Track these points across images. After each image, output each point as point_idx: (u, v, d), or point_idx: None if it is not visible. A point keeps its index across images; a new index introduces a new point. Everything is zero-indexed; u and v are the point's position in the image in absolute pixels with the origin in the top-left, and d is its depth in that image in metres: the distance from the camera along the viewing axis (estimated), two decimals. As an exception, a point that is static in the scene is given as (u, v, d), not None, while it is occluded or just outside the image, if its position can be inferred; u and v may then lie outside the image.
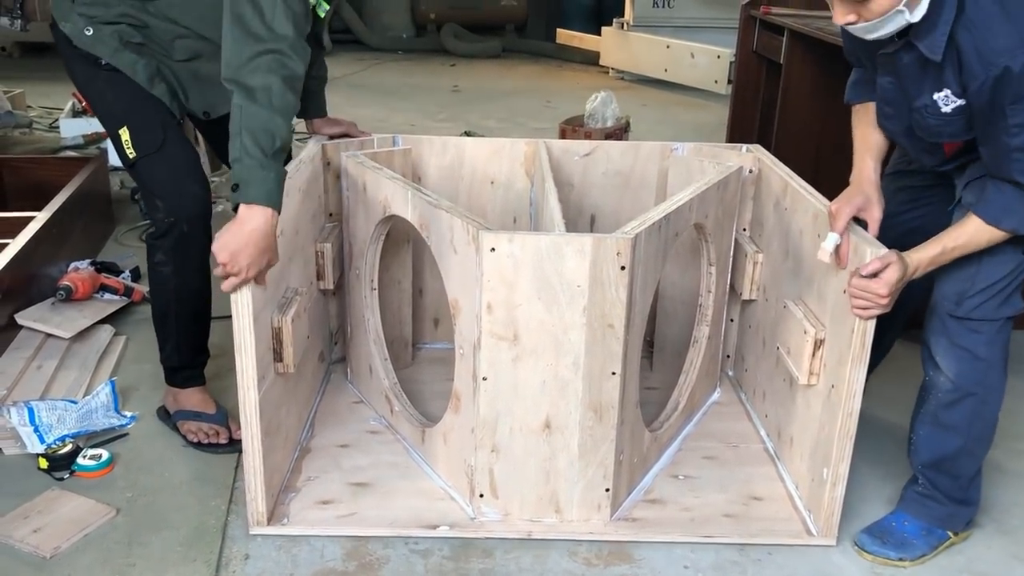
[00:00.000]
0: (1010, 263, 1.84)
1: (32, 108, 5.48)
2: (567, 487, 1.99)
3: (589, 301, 1.86)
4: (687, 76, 7.09)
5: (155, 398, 2.43)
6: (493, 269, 1.84)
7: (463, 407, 2.01)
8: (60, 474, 2.13)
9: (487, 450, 1.96)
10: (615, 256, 1.84)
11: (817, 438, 2.04)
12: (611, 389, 1.93)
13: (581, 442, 1.95)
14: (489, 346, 1.89)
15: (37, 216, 2.93)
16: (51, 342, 2.63)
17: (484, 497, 2.00)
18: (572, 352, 1.89)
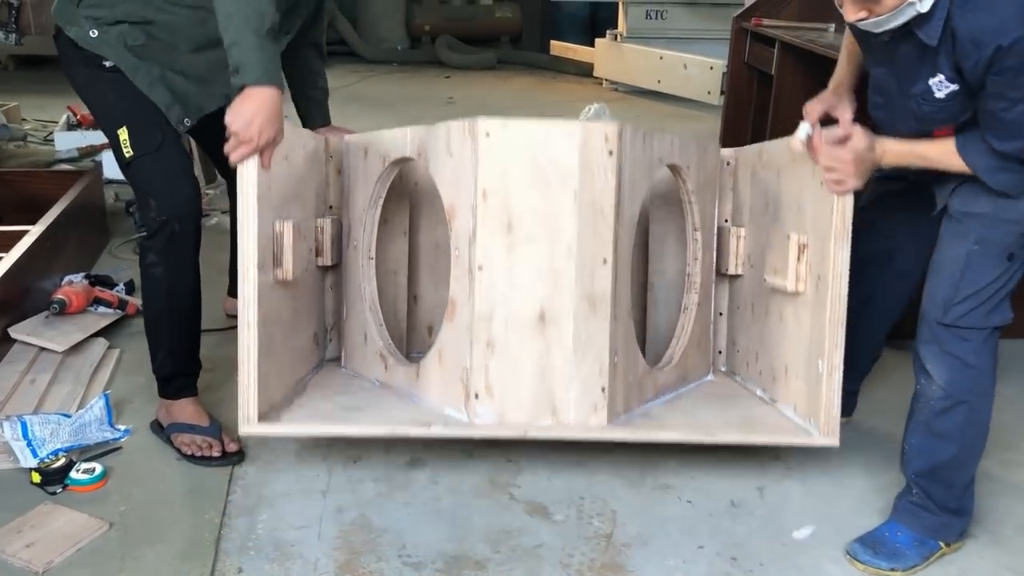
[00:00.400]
0: (995, 269, 1.86)
1: (27, 121, 5.48)
2: (563, 386, 2.01)
3: (580, 186, 1.97)
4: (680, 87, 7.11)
5: (149, 411, 2.43)
6: (488, 154, 1.97)
7: (458, 311, 2.05)
8: (53, 488, 2.13)
9: (483, 345, 2.00)
10: (603, 142, 1.96)
11: (810, 343, 2.08)
12: (603, 278, 2.00)
13: (575, 334, 2.00)
14: (484, 236, 1.99)
15: (31, 230, 2.94)
16: (45, 356, 2.64)
17: (479, 398, 2.01)
18: (565, 239, 1.98)
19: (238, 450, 2.28)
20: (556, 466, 2.30)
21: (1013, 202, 1.83)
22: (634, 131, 2.05)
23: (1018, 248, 1.87)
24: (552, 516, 2.12)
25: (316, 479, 2.23)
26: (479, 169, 1.96)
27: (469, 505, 2.15)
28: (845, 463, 2.35)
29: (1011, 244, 1.86)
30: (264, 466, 2.27)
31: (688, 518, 2.13)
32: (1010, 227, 1.85)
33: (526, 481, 2.24)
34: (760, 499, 2.21)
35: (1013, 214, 1.84)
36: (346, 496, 2.17)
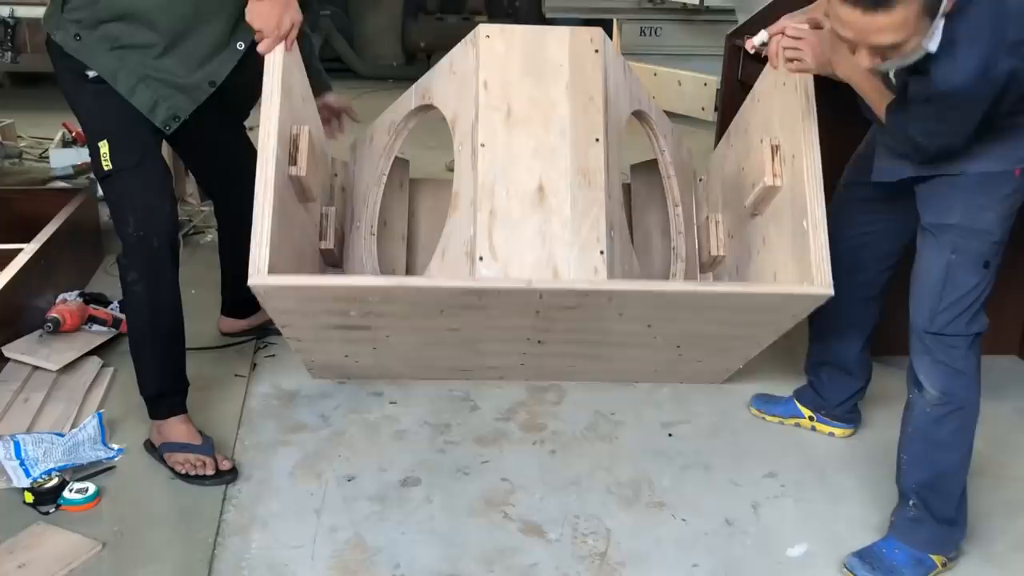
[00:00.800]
0: (973, 277, 1.92)
1: (22, 138, 5.47)
2: (563, 249, 2.12)
3: (570, 78, 2.21)
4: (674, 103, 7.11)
5: (143, 430, 2.43)
6: (488, 52, 2.22)
7: (461, 198, 2.20)
8: (46, 508, 2.12)
9: (486, 212, 2.12)
10: (589, 42, 2.24)
11: (792, 220, 2.22)
12: (596, 155, 2.17)
13: (573, 203, 2.14)
14: (485, 119, 2.18)
15: (25, 248, 2.93)
16: (38, 374, 2.63)
17: (483, 260, 2.09)
18: (559, 122, 2.18)
19: (231, 468, 2.28)
20: (550, 485, 2.30)
21: (982, 212, 1.89)
22: (617, 57, 2.35)
23: (992, 256, 1.92)
24: (547, 535, 2.12)
25: (310, 498, 2.22)
26: (480, 65, 2.20)
27: (463, 524, 2.15)
28: (840, 479, 2.35)
29: (985, 252, 1.91)
30: (258, 485, 2.26)
31: (682, 536, 2.13)
32: (983, 236, 1.91)
33: (520, 500, 2.24)
34: (754, 516, 2.21)
35: (983, 224, 1.90)
36: (340, 515, 2.16)
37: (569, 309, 2.14)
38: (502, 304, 2.10)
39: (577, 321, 2.23)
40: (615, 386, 2.75)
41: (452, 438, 2.48)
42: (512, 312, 2.16)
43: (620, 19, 7.69)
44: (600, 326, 2.28)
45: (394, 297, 2.08)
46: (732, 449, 2.48)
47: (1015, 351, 3.02)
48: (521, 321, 2.22)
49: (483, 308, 2.12)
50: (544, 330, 2.29)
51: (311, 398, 2.66)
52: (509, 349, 2.47)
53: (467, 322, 2.22)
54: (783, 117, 2.26)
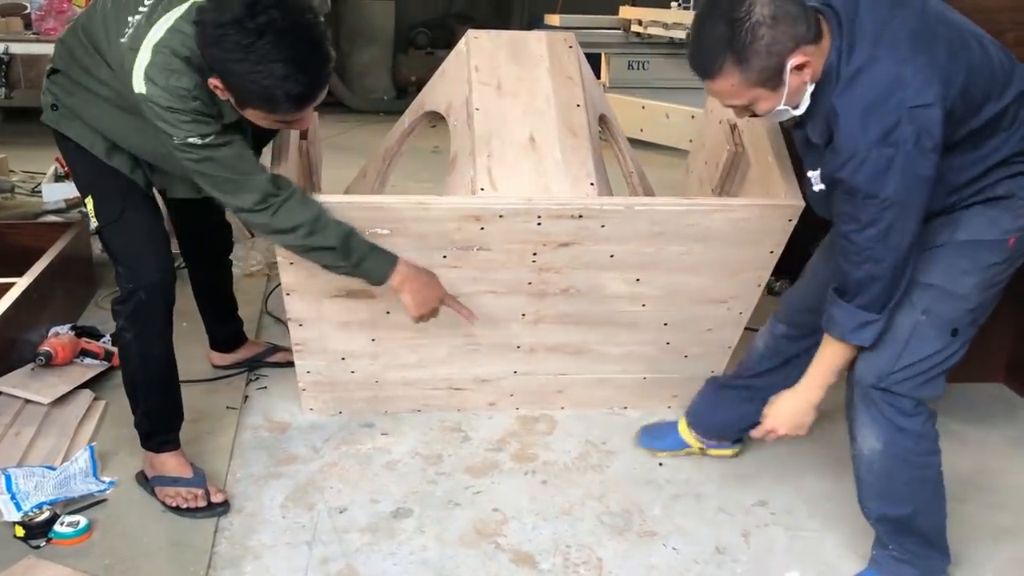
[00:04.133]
0: (938, 342, 1.86)
1: (15, 173, 5.49)
2: (558, 181, 2.36)
3: (550, 64, 2.55)
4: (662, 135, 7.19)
5: (135, 463, 2.42)
6: (478, 49, 2.55)
7: (459, 157, 2.43)
8: (37, 542, 2.11)
9: (484, 156, 2.36)
10: (563, 41, 2.61)
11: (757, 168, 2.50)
12: (579, 116, 2.47)
13: (563, 150, 2.41)
14: (478, 91, 2.46)
15: (17, 282, 2.94)
16: (30, 408, 2.63)
17: (484, 190, 2.32)
18: (543, 93, 2.48)
19: (224, 500, 2.28)
20: (542, 515, 2.31)
21: (963, 276, 1.85)
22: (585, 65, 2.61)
23: (963, 325, 1.87)
24: (538, 565, 2.12)
25: (302, 530, 2.22)
26: (470, 56, 2.50)
27: (455, 555, 2.15)
28: (830, 507, 2.37)
29: (957, 320, 1.86)
30: (249, 517, 2.26)
31: (674, 565, 2.14)
32: (958, 303, 1.86)
33: (512, 530, 2.25)
34: (745, 545, 2.22)
35: (961, 289, 1.85)
36: (332, 546, 2.16)
37: (565, 247, 2.34)
38: (504, 234, 2.30)
39: (571, 272, 2.40)
40: (606, 415, 2.76)
41: (444, 469, 2.49)
42: (514, 258, 2.35)
43: (608, 53, 7.79)
44: (592, 281, 2.44)
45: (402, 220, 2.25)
46: (722, 478, 2.49)
47: (1000, 379, 3.04)
48: (519, 274, 2.39)
49: (485, 248, 2.30)
50: (539, 293, 2.45)
51: (302, 430, 2.66)
52: (503, 338, 2.54)
53: (468, 277, 2.37)
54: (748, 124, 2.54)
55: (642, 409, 2.79)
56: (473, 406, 2.75)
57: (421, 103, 2.76)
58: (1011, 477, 2.53)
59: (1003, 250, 1.86)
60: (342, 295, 2.41)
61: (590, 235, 2.33)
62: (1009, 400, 2.96)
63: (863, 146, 1.68)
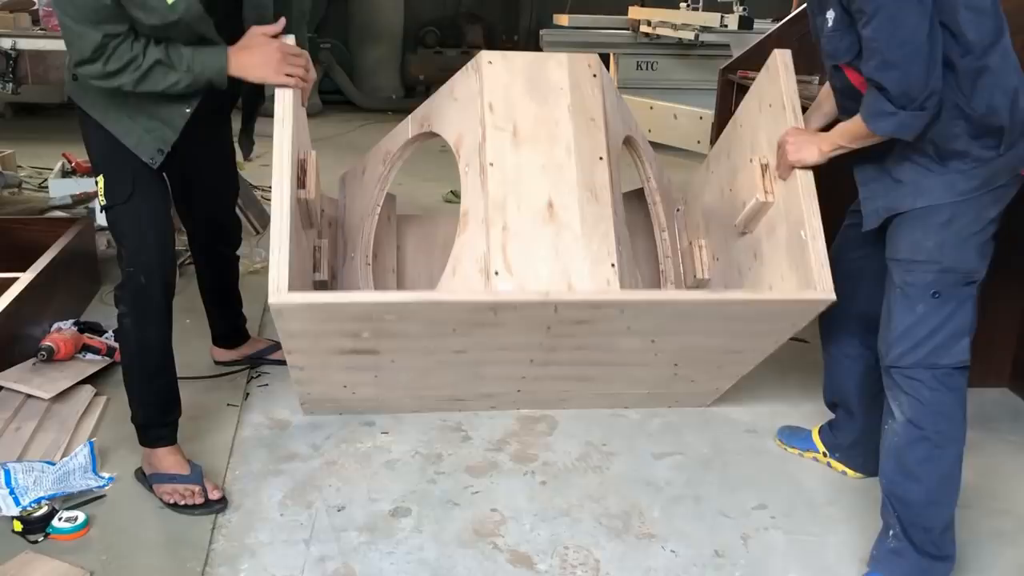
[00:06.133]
0: (920, 307, 1.94)
1: (22, 168, 5.52)
2: (577, 262, 2.19)
3: (571, 99, 2.30)
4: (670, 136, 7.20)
5: (134, 459, 2.43)
6: (492, 77, 2.30)
7: (471, 216, 2.25)
8: (35, 537, 2.11)
9: (499, 229, 2.20)
10: (587, 67, 2.35)
11: (787, 228, 2.28)
12: (601, 171, 2.26)
13: (583, 218, 2.22)
14: (492, 138, 2.25)
15: (21, 277, 2.95)
16: (31, 403, 2.63)
17: (499, 275, 2.14)
18: (564, 140, 2.26)
19: (221, 497, 2.28)
20: (540, 515, 2.30)
21: (922, 243, 1.94)
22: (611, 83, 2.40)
23: (944, 286, 1.93)
24: (535, 566, 2.11)
25: (299, 528, 2.22)
26: (484, 88, 2.27)
27: (453, 555, 2.15)
28: (830, 511, 2.35)
29: (932, 283, 1.94)
30: (247, 514, 2.26)
31: (671, 568, 2.13)
32: (925, 266, 1.94)
33: (510, 530, 2.24)
34: (744, 548, 2.21)
35: (923, 254, 1.94)
36: (329, 545, 2.16)
37: (581, 323, 2.18)
38: (517, 319, 2.14)
39: (585, 337, 2.26)
40: (607, 416, 2.75)
41: (443, 468, 2.49)
42: (525, 328, 2.19)
43: (617, 53, 7.78)
44: (607, 342, 2.31)
45: (412, 314, 2.11)
46: (722, 480, 2.48)
47: (1005, 383, 3.03)
48: (531, 338, 2.25)
49: (497, 324, 2.15)
50: (551, 349, 2.32)
51: (303, 428, 2.66)
52: (509, 372, 2.48)
53: (477, 342, 2.25)
54: (771, 137, 2.31)
55: (643, 409, 2.78)
56: (474, 407, 2.74)
57: (427, 119, 2.54)
58: (1015, 482, 2.51)
59: (945, 209, 1.92)
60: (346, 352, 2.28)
61: (608, 316, 2.20)
62: (1014, 405, 2.93)
63: None
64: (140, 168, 2.20)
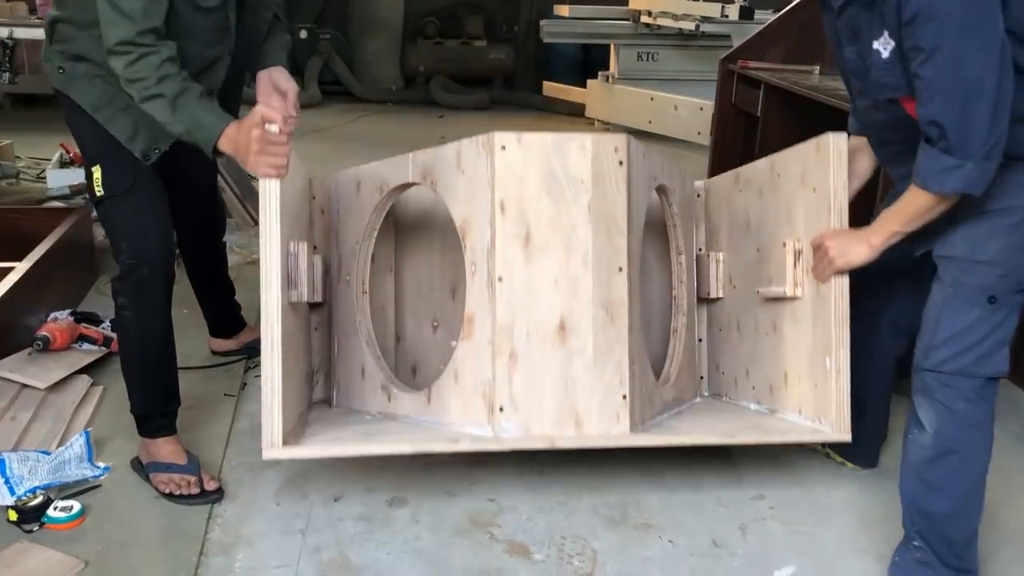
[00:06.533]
0: (972, 312, 1.82)
1: (20, 159, 5.50)
2: (585, 396, 2.05)
3: (593, 196, 2.05)
4: (671, 128, 7.17)
5: (131, 449, 2.42)
6: (504, 167, 2.03)
7: (476, 327, 2.07)
8: (30, 526, 2.11)
9: (505, 357, 2.03)
10: (613, 152, 2.06)
11: (813, 342, 2.13)
12: (619, 285, 2.07)
13: (596, 344, 2.05)
14: (503, 246, 2.04)
15: (17, 266, 2.94)
16: (26, 392, 2.62)
17: (504, 411, 2.02)
18: (581, 248, 2.05)
19: (217, 488, 2.27)
20: (537, 505, 2.29)
21: (985, 243, 1.81)
22: (636, 145, 2.14)
23: (1001, 292, 1.81)
24: (532, 556, 2.11)
25: (295, 518, 2.21)
26: (496, 181, 2.03)
27: (449, 544, 2.14)
28: (829, 501, 2.34)
29: (990, 287, 1.81)
30: (243, 504, 2.25)
31: (669, 558, 2.12)
32: (985, 269, 1.82)
33: (507, 520, 2.23)
34: (742, 538, 2.20)
35: (985, 255, 1.81)
36: (325, 535, 2.15)
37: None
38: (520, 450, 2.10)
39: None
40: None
41: (440, 458, 2.47)
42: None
43: (617, 44, 7.75)
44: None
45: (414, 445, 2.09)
46: (721, 471, 2.47)
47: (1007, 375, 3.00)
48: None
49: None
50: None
51: (300, 418, 2.65)
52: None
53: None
54: (809, 220, 2.13)
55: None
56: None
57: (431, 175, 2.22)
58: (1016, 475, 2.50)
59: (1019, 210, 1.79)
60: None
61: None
62: (1014, 398, 2.92)
63: None
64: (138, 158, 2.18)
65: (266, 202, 1.98)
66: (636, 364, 2.10)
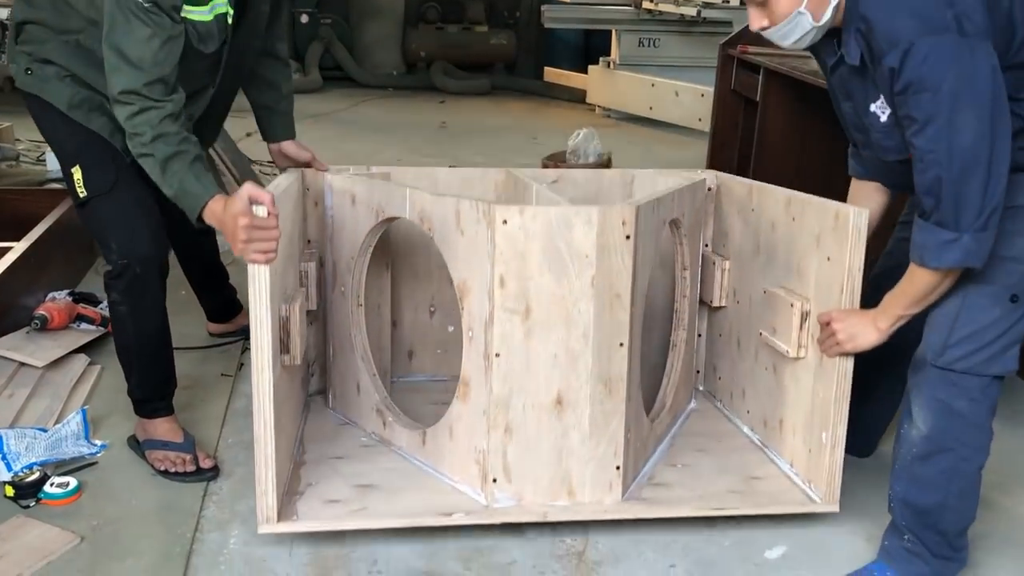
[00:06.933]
0: (993, 310, 1.76)
1: (20, 141, 5.51)
2: (579, 466, 2.02)
3: (597, 271, 1.94)
4: (672, 114, 7.17)
5: (127, 427, 2.43)
6: (505, 242, 1.92)
7: (472, 393, 2.03)
8: (26, 502, 2.12)
9: (500, 431, 1.99)
10: (621, 225, 1.94)
11: (811, 407, 2.09)
12: (619, 361, 2.00)
13: (592, 417, 2.00)
14: (502, 321, 1.94)
15: (14, 247, 2.95)
16: (24, 371, 2.64)
17: (497, 482, 2.01)
18: (582, 324, 1.96)
19: (213, 466, 2.28)
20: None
21: (1012, 238, 1.75)
22: (647, 206, 2.02)
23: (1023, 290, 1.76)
24: (524, 533, 2.12)
25: (290, 495, 2.22)
26: (496, 256, 1.92)
27: (442, 522, 2.15)
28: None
29: (1014, 284, 1.76)
30: (239, 481, 2.27)
31: (660, 537, 2.13)
32: (1011, 265, 1.76)
33: (500, 499, 2.24)
34: (734, 519, 2.21)
35: (1014, 251, 1.75)
36: (320, 512, 2.16)
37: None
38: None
39: None
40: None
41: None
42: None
43: (619, 30, 7.74)
44: None
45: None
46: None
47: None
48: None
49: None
50: None
51: (296, 398, 2.66)
52: None
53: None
54: (820, 286, 2.05)
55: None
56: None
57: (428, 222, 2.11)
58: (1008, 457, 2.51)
59: None
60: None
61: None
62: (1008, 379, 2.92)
63: (904, 38, 1.61)
64: (120, 153, 2.13)
65: (256, 288, 1.86)
66: (632, 431, 2.08)
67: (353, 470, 2.20)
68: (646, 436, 2.22)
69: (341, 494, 2.09)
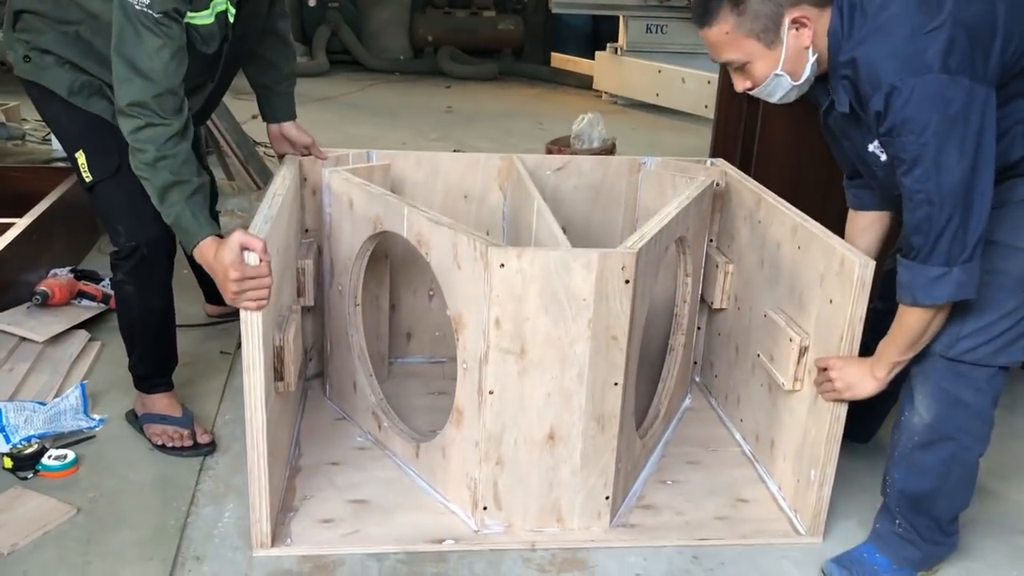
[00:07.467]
0: (1008, 302, 1.75)
1: (26, 121, 5.53)
2: (569, 496, 2.03)
3: (594, 314, 1.90)
4: (678, 101, 7.16)
5: (126, 402, 2.45)
6: (502, 284, 1.87)
7: (465, 422, 2.02)
8: (24, 474, 2.15)
9: (492, 463, 1.99)
10: (620, 270, 1.89)
11: (803, 441, 2.08)
12: (613, 399, 1.97)
13: (584, 452, 1.99)
14: (496, 360, 1.91)
15: (17, 223, 2.97)
16: (25, 345, 2.66)
17: (488, 510, 2.02)
18: (577, 364, 1.93)
19: (210, 441, 2.30)
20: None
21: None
22: (648, 246, 1.97)
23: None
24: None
25: (286, 471, 2.24)
26: (491, 297, 1.88)
27: (436, 500, 2.17)
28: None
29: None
30: (235, 457, 2.28)
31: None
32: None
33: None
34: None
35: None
36: (314, 488, 2.18)
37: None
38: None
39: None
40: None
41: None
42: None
43: (627, 15, 7.71)
44: None
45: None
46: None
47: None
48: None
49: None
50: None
51: (294, 376, 2.68)
52: None
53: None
54: (820, 323, 2.01)
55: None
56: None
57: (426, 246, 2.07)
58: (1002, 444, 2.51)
59: None
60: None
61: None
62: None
63: (886, 81, 1.60)
64: (119, 134, 2.07)
65: (248, 329, 1.80)
66: (623, 460, 2.08)
67: (348, 480, 2.20)
68: (637, 456, 2.22)
69: (335, 511, 2.08)
